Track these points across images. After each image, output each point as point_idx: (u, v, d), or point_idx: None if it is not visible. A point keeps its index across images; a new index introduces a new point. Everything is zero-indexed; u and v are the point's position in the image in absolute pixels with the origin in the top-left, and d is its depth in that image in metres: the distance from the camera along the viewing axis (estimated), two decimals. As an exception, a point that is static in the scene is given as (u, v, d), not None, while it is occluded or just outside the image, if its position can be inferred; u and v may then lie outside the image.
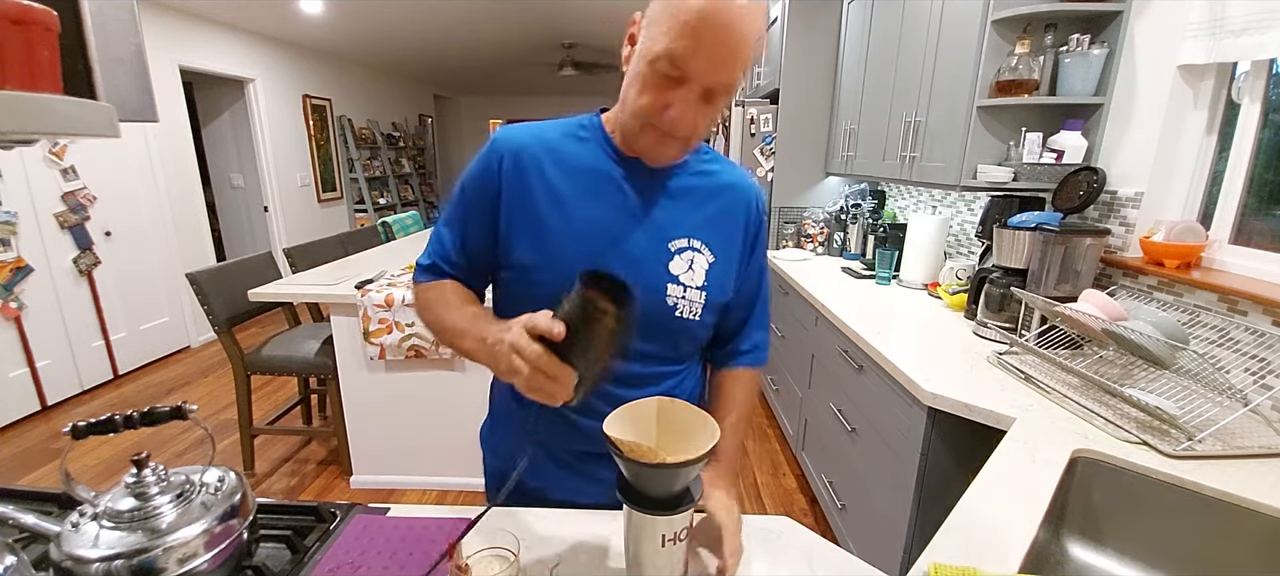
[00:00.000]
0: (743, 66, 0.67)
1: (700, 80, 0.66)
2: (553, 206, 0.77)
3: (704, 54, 0.64)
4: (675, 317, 0.79)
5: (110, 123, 0.56)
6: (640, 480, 0.62)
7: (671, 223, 0.79)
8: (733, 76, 0.67)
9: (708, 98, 0.68)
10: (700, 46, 0.64)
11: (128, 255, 3.56)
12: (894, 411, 1.47)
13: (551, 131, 0.80)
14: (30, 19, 0.47)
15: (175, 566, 0.58)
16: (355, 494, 2.32)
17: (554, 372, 0.56)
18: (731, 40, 0.64)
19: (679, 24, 0.63)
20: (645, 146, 0.74)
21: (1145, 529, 0.99)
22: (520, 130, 0.80)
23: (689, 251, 0.79)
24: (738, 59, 0.66)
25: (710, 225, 0.81)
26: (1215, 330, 1.23)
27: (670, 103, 0.67)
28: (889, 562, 1.47)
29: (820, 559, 0.74)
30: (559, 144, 0.79)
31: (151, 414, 0.67)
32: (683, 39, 0.64)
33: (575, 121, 0.82)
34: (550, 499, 0.86)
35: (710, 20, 0.63)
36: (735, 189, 0.85)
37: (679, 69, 0.65)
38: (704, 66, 0.65)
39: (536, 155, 0.78)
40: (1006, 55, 1.68)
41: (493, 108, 9.36)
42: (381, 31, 4.83)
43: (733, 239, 0.84)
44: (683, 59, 0.64)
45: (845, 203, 2.95)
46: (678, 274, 0.78)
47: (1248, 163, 1.34)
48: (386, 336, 2.07)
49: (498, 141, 0.79)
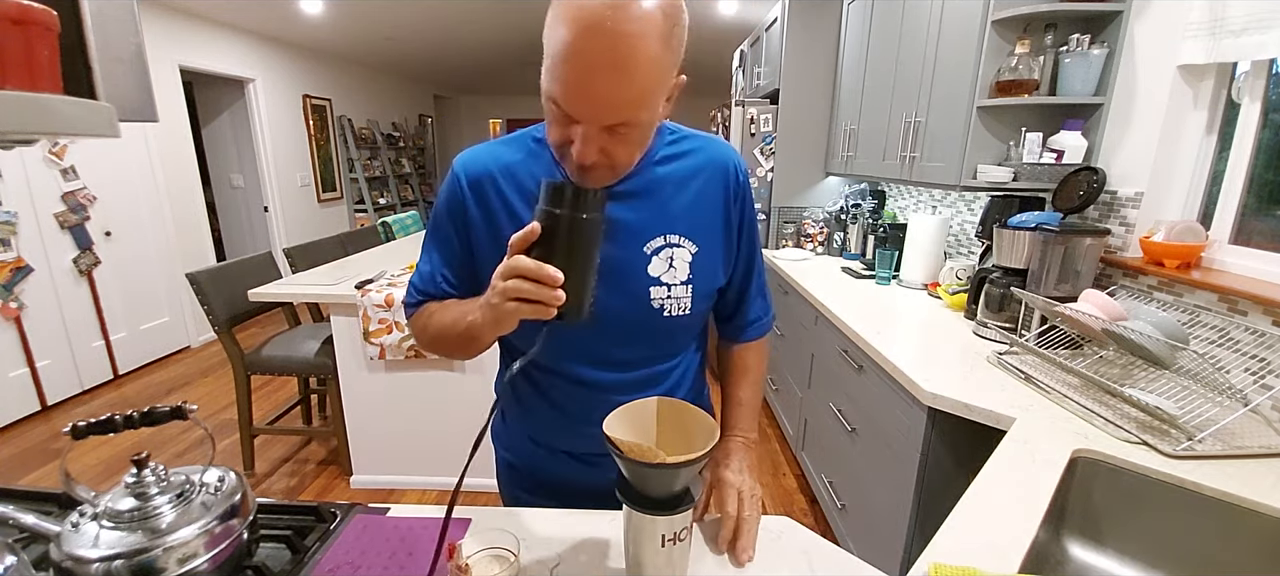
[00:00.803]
0: (637, 95, 0.59)
1: (588, 121, 0.60)
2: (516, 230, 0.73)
3: (581, 99, 0.58)
4: (664, 318, 0.77)
5: (110, 123, 0.56)
6: (639, 480, 0.62)
7: (643, 225, 0.75)
8: (624, 112, 0.60)
9: (612, 129, 0.61)
10: (575, 91, 0.58)
11: (128, 255, 3.56)
12: (894, 411, 1.47)
13: (509, 151, 0.77)
14: (30, 19, 0.47)
15: (175, 566, 0.58)
16: (355, 494, 2.32)
17: (538, 274, 0.56)
18: (610, 81, 0.57)
19: (553, 64, 0.58)
20: (574, 178, 0.67)
21: (1145, 529, 0.99)
22: (480, 154, 0.78)
23: (666, 249, 0.76)
24: (624, 95, 0.58)
25: (686, 215, 0.77)
26: (1215, 330, 1.23)
27: (570, 138, 0.62)
28: (889, 562, 1.47)
29: (820, 559, 0.74)
30: (517, 165, 0.76)
31: (151, 414, 0.67)
32: (558, 83, 0.58)
33: (529, 134, 0.78)
34: (558, 488, 0.87)
35: (579, 59, 0.56)
36: (709, 167, 0.78)
37: (565, 110, 0.60)
38: (586, 110, 0.59)
39: (495, 178, 0.76)
40: (1006, 55, 1.68)
41: (493, 108, 9.35)
42: (381, 31, 4.83)
43: (714, 221, 0.79)
44: (564, 101, 0.59)
45: (845, 203, 2.95)
46: (659, 275, 0.76)
47: (1248, 163, 1.34)
48: (386, 336, 2.07)
49: (457, 170, 0.77)
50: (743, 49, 3.97)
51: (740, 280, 0.87)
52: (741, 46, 4.00)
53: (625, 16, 0.55)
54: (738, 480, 0.79)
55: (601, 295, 0.71)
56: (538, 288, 0.56)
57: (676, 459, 0.58)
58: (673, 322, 0.78)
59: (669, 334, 0.81)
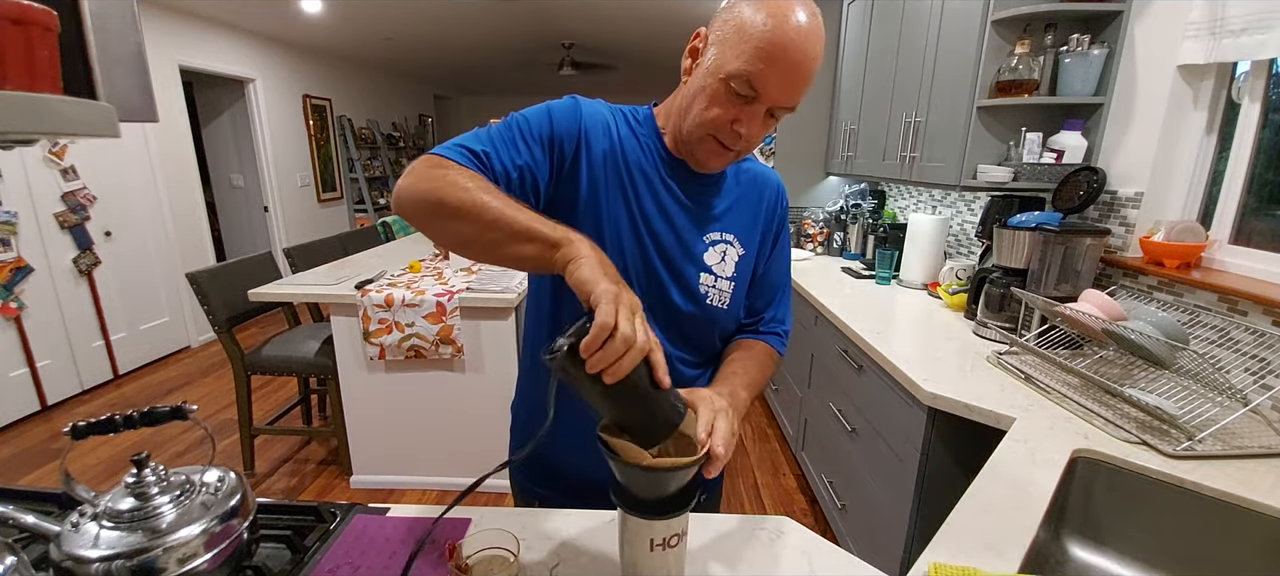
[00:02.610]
0: (808, 87, 0.70)
1: (770, 101, 0.69)
2: (604, 185, 0.77)
3: (777, 77, 0.67)
4: (706, 305, 0.82)
5: (110, 123, 0.56)
6: (631, 482, 0.61)
7: (707, 218, 0.83)
8: (799, 98, 0.70)
9: (771, 115, 0.71)
10: (773, 70, 0.66)
11: (128, 255, 3.56)
12: (894, 411, 1.47)
13: (614, 114, 0.81)
14: (30, 19, 0.47)
15: (175, 566, 0.58)
16: (355, 494, 2.32)
17: (634, 352, 0.52)
18: (804, 65, 0.67)
19: (752, 48, 0.66)
20: (703, 155, 0.76)
21: (1145, 529, 0.99)
22: (596, 104, 0.80)
23: (722, 244, 0.83)
24: (806, 82, 0.69)
25: (740, 217, 0.85)
26: (1215, 330, 1.23)
27: (738, 118, 0.70)
28: (889, 562, 1.47)
29: (820, 559, 0.74)
30: (619, 130, 0.80)
31: (151, 414, 0.67)
32: (757, 62, 0.66)
33: (630, 111, 0.83)
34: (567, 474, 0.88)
35: (785, 47, 0.65)
36: (767, 185, 0.89)
37: (753, 89, 0.68)
38: (777, 89, 0.68)
39: (606, 132, 0.78)
40: (1006, 55, 1.68)
41: (493, 107, 9.35)
42: (381, 31, 4.83)
43: (758, 233, 0.87)
44: (757, 80, 0.67)
45: (845, 202, 2.95)
46: (711, 264, 0.82)
47: (1248, 163, 1.34)
48: (386, 336, 2.07)
49: (583, 108, 0.77)
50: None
51: (768, 291, 0.92)
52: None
53: (815, 11, 0.68)
54: (717, 401, 0.72)
55: (654, 270, 0.79)
56: (625, 360, 0.52)
57: (669, 463, 0.57)
58: (711, 312, 0.83)
59: (705, 323, 0.84)
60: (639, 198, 0.79)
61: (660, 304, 0.81)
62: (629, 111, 0.83)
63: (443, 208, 0.63)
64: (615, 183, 0.77)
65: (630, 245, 0.78)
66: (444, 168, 0.66)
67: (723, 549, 0.76)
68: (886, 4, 2.36)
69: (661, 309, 0.81)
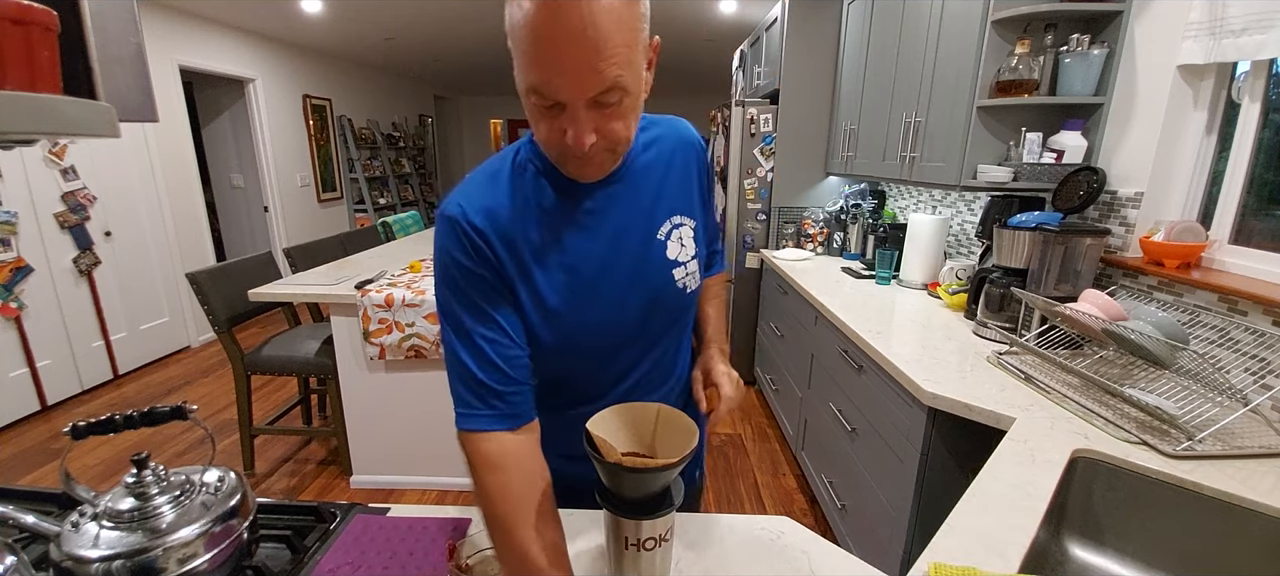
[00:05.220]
0: (616, 57, 0.56)
1: (571, 99, 0.58)
2: (536, 262, 0.71)
3: (559, 74, 0.56)
4: (686, 296, 0.80)
5: (110, 123, 0.56)
6: (615, 482, 0.61)
7: (647, 215, 0.76)
8: (607, 75, 0.57)
9: (597, 103, 0.59)
10: (550, 69, 0.56)
11: (128, 255, 3.56)
12: (894, 411, 1.47)
13: (499, 186, 0.71)
14: (30, 19, 0.47)
15: (175, 566, 0.58)
16: (355, 494, 2.32)
17: None
18: (582, 45, 0.55)
19: (522, 54, 0.57)
20: (576, 171, 0.67)
21: (1145, 529, 0.99)
22: (472, 195, 0.70)
23: (674, 229, 0.78)
24: (601, 57, 0.56)
25: (679, 193, 0.79)
26: (1215, 330, 1.23)
27: (563, 127, 0.60)
28: (889, 562, 1.47)
29: (820, 559, 0.74)
30: (514, 194, 0.71)
31: (151, 414, 0.67)
32: (534, 68, 0.57)
33: (509, 158, 0.73)
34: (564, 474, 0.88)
35: (549, 40, 0.55)
36: (681, 145, 0.81)
37: (548, 97, 0.58)
38: (568, 85, 0.57)
39: (489, 215, 0.69)
40: (1006, 55, 1.68)
41: (493, 108, 9.36)
42: (381, 32, 4.83)
43: (694, 193, 0.82)
44: (544, 87, 0.57)
45: (845, 203, 2.95)
46: (676, 256, 0.78)
47: (1248, 163, 1.34)
48: (386, 336, 2.07)
49: (461, 217, 0.68)
50: (743, 49, 3.97)
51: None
52: (741, 47, 4.00)
53: None
54: (728, 368, 0.82)
55: (635, 297, 0.75)
56: None
57: (654, 463, 0.58)
58: (692, 298, 0.82)
59: (687, 309, 0.84)
60: (571, 247, 0.71)
61: (660, 308, 0.78)
62: (512, 158, 0.72)
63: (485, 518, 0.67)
64: (539, 251, 0.70)
65: (571, 297, 0.71)
66: (476, 456, 0.72)
67: (723, 549, 0.76)
68: (886, 4, 2.36)
69: (662, 317, 0.79)
